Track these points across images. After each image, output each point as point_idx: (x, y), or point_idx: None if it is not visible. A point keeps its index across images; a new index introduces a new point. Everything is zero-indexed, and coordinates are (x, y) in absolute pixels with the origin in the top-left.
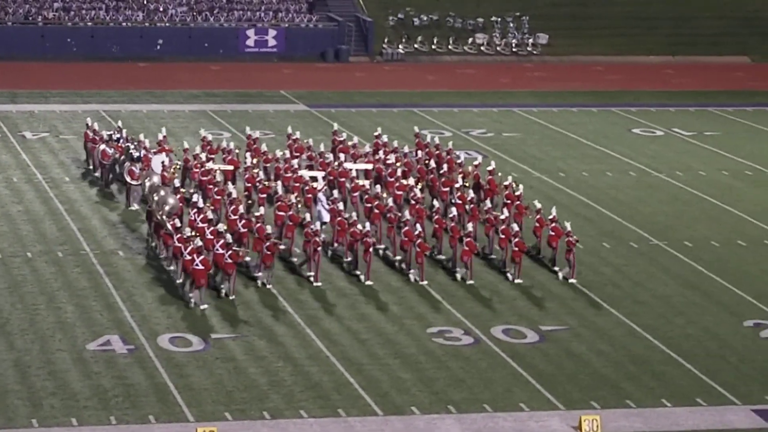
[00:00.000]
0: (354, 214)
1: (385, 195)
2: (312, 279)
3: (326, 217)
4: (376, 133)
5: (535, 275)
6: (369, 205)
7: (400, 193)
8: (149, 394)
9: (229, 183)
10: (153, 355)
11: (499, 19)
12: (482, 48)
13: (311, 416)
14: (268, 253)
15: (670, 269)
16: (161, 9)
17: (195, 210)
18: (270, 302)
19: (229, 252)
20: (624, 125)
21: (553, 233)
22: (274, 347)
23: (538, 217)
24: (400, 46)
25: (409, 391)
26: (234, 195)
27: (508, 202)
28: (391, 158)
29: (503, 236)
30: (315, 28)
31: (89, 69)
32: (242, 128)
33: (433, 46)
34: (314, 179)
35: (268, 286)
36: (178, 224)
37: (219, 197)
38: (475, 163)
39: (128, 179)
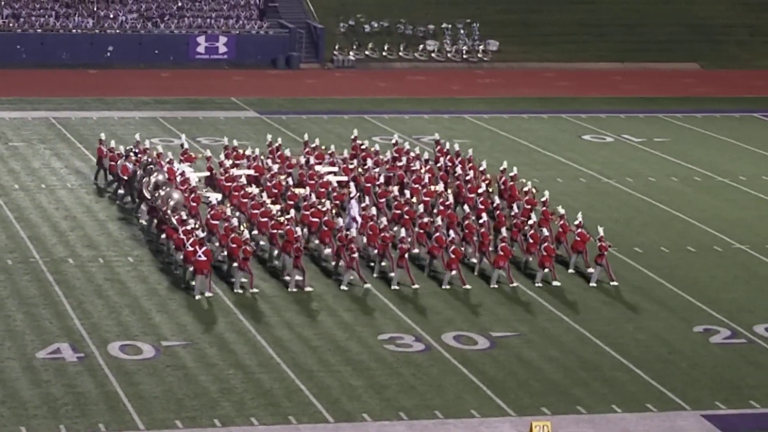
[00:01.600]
0: (384, 219)
1: (414, 200)
2: (354, 283)
3: (356, 224)
4: (353, 136)
5: (485, 282)
6: (398, 211)
7: (427, 199)
8: (99, 403)
9: (253, 186)
10: (103, 363)
11: (450, 26)
12: (433, 55)
13: (262, 423)
14: (297, 256)
15: (620, 275)
16: (111, 16)
17: (210, 209)
18: (221, 309)
19: (243, 247)
20: (574, 132)
21: (578, 239)
22: (225, 354)
23: (561, 222)
24: (351, 53)
25: (360, 397)
26: (261, 197)
27: (528, 207)
28: (416, 164)
29: (532, 241)
30: (266, 35)
31: (39, 76)
32: (194, 135)
33: (384, 53)
34: (342, 185)
35: (307, 289)
36: (184, 217)
37: (245, 200)
38: (501, 168)
39: (147, 194)
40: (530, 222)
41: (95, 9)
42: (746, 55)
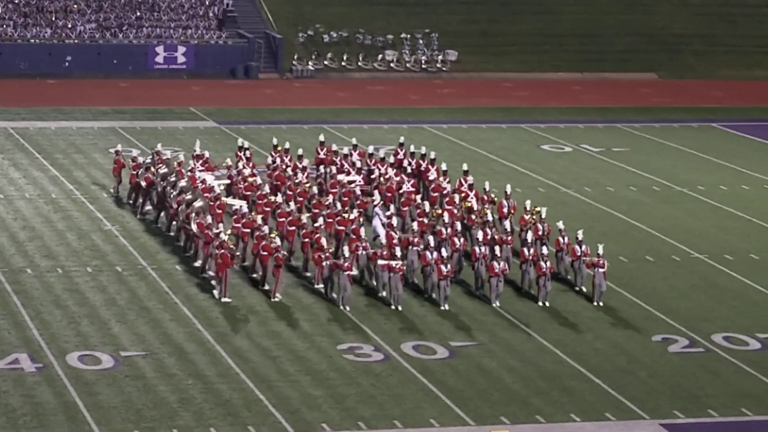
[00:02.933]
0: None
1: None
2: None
3: (382, 233)
4: (321, 139)
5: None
6: (420, 219)
7: (450, 207)
8: (58, 413)
9: (279, 194)
10: (62, 374)
11: (409, 36)
12: (392, 65)
13: None
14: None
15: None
16: (70, 26)
17: (236, 217)
18: (180, 319)
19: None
20: (533, 141)
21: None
22: (184, 365)
23: (556, 238)
24: (310, 63)
25: (319, 407)
26: (288, 206)
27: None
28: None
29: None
30: (224, 45)
31: None
32: (152, 145)
33: (343, 63)
34: (368, 194)
35: (345, 307)
36: (209, 220)
37: (268, 208)
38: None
39: (173, 203)
40: (479, 237)
41: (53, 19)
42: (704, 65)
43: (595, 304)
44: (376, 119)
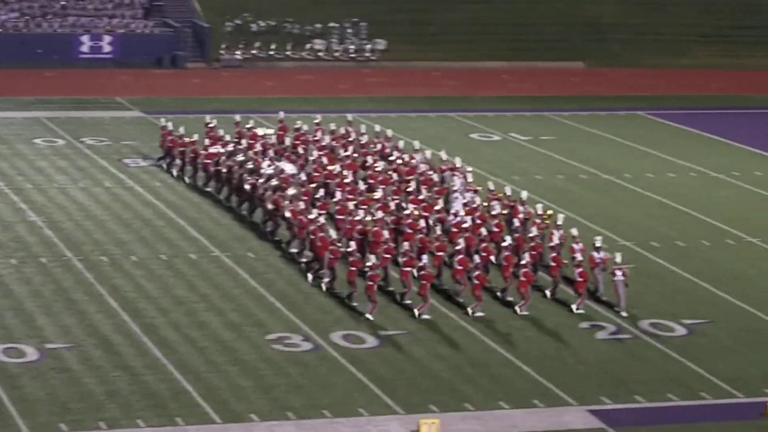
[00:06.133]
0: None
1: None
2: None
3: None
4: (237, 119)
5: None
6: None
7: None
8: None
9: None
10: None
11: (337, 25)
12: (320, 54)
13: (149, 425)
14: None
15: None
16: None
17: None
18: (106, 311)
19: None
20: (462, 130)
21: (554, 263)
22: (111, 356)
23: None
24: (238, 52)
25: (248, 398)
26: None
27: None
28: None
29: (506, 263)
30: (151, 34)
31: None
32: (77, 136)
33: (271, 52)
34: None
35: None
36: (301, 206)
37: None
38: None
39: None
40: (504, 244)
41: None
42: (631, 53)
43: (624, 314)
44: (304, 108)
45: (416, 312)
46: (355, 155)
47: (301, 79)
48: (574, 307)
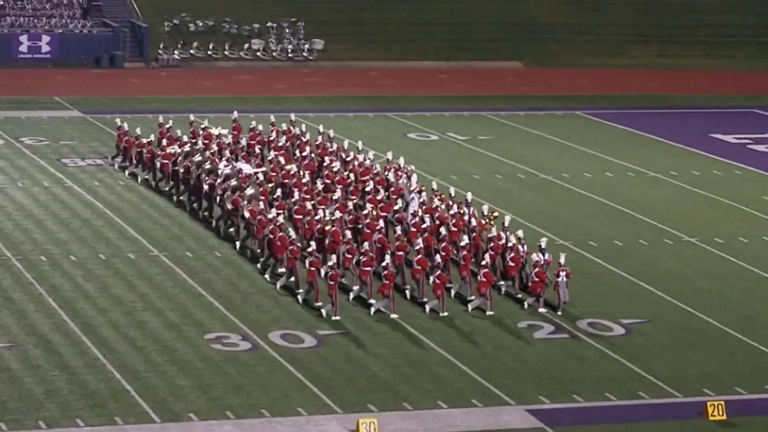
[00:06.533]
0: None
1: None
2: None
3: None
4: (168, 125)
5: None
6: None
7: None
8: None
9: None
10: None
11: (275, 25)
12: (258, 53)
13: (88, 425)
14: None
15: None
16: None
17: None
18: (46, 311)
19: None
20: (399, 130)
21: (512, 264)
22: (50, 356)
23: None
24: (176, 52)
25: (187, 397)
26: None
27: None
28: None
29: (464, 263)
30: (89, 34)
31: None
32: (16, 135)
33: (209, 52)
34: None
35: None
36: (261, 207)
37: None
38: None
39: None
40: (462, 244)
41: None
42: (568, 53)
43: (558, 312)
44: (242, 108)
45: (371, 309)
46: (312, 155)
47: (239, 78)
48: (526, 304)
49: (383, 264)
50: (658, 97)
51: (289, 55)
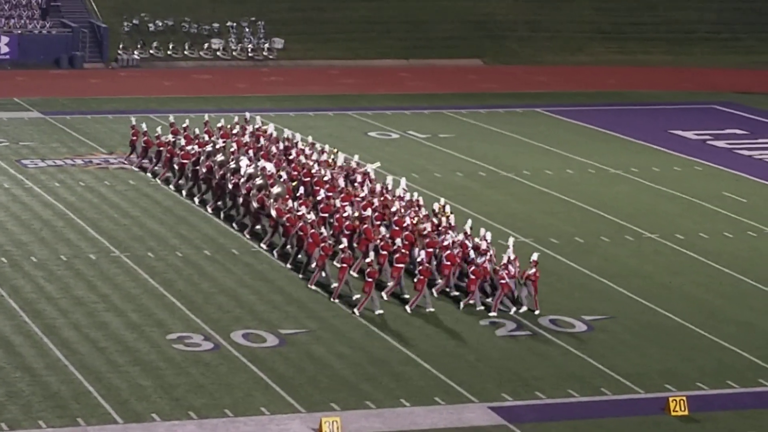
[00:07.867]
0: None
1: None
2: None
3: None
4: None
5: (275, 279)
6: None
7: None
8: None
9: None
10: None
11: (235, 24)
12: (218, 53)
13: (50, 426)
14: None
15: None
16: None
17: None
18: (6, 312)
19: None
20: (360, 128)
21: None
22: (11, 358)
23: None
24: (136, 52)
25: (149, 398)
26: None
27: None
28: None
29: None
30: (48, 35)
31: None
32: None
33: (169, 52)
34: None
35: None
36: (289, 205)
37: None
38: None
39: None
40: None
41: None
42: (528, 50)
43: (515, 308)
44: (202, 108)
45: (357, 310)
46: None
47: (199, 78)
48: (461, 303)
49: (418, 260)
50: (618, 94)
51: (249, 54)
